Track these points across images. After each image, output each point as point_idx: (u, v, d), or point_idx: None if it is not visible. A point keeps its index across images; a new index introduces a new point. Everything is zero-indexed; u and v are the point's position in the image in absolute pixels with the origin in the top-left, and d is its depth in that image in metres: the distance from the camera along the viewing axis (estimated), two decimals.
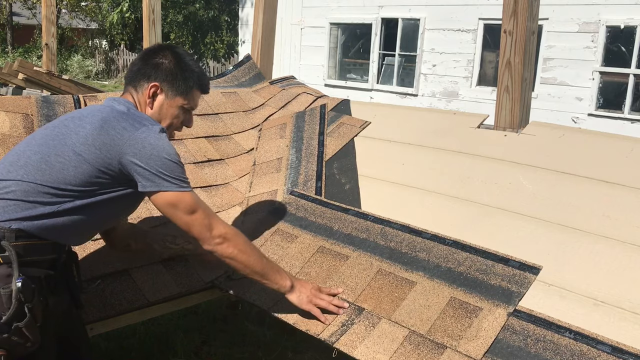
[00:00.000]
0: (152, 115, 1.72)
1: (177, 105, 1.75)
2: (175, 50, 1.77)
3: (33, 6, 20.97)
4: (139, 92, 1.73)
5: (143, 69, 1.73)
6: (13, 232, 1.47)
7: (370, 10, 10.10)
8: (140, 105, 1.73)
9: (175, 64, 1.73)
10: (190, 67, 1.76)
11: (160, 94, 1.72)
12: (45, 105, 2.51)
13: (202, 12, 15.75)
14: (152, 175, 1.55)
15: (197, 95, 1.81)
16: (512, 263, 1.77)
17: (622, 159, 2.04)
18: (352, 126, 2.78)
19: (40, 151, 1.56)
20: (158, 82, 1.71)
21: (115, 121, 1.59)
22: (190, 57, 1.82)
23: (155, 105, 1.73)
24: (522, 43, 2.41)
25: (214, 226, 1.62)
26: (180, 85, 1.74)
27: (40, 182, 1.51)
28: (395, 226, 2.06)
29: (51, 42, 6.13)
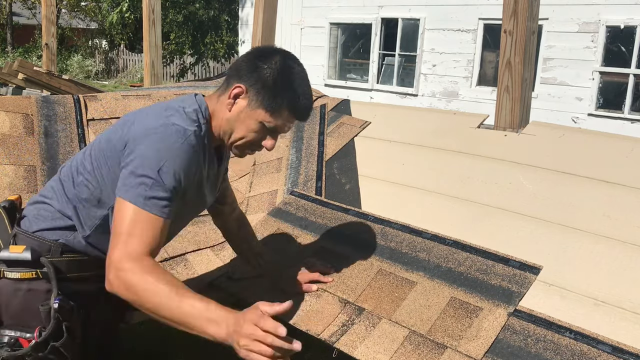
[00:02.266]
0: (229, 120, 1.48)
1: (257, 119, 1.46)
2: (286, 60, 1.48)
3: (33, 6, 20.97)
4: (226, 90, 1.50)
5: (241, 66, 1.49)
6: (59, 246, 1.44)
7: (370, 10, 10.09)
8: (219, 105, 1.50)
9: (277, 73, 1.46)
10: (291, 84, 1.47)
11: (243, 99, 1.46)
12: (45, 105, 2.51)
13: (202, 12, 15.74)
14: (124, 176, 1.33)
15: (287, 117, 1.49)
16: (513, 263, 1.77)
17: (622, 159, 2.04)
18: (352, 126, 2.77)
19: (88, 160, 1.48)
20: (245, 85, 1.46)
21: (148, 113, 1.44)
22: (301, 75, 1.50)
23: (234, 109, 1.47)
24: (522, 43, 2.41)
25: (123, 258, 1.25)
26: (267, 98, 1.45)
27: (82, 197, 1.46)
28: (396, 226, 2.05)
29: (51, 42, 6.13)
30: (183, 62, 17.37)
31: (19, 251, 1.40)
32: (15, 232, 1.48)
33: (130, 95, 2.88)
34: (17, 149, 2.28)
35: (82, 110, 2.58)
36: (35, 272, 1.41)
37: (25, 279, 1.41)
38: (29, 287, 1.41)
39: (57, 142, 2.39)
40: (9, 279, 1.41)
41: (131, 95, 2.87)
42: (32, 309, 1.40)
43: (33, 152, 2.30)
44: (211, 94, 1.55)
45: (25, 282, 1.41)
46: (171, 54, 16.55)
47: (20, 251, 1.40)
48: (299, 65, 1.51)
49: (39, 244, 1.44)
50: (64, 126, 2.47)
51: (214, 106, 1.51)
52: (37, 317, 1.40)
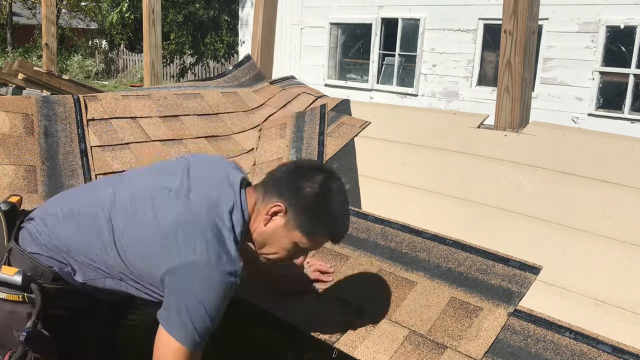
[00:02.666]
0: (262, 234, 1.47)
1: (292, 239, 1.46)
2: (327, 182, 1.46)
3: (33, 6, 20.97)
4: (265, 201, 1.46)
5: (283, 182, 1.47)
6: (52, 273, 1.40)
7: (370, 10, 10.09)
8: (256, 212, 1.47)
9: (318, 197, 1.44)
10: (331, 210, 1.46)
11: (281, 218, 1.44)
12: (45, 105, 2.51)
13: (202, 12, 15.73)
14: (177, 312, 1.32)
15: (323, 240, 1.51)
16: (513, 263, 1.77)
17: (622, 159, 2.04)
18: (352, 126, 2.77)
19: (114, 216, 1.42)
20: (285, 204, 1.43)
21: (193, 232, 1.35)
22: (340, 196, 1.49)
23: (269, 225, 1.45)
24: (522, 43, 2.41)
25: None
26: (306, 223, 1.44)
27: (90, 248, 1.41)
28: (396, 226, 2.05)
29: (51, 42, 6.13)
30: (183, 62, 17.36)
31: (10, 273, 1.35)
32: (11, 247, 1.42)
33: (130, 95, 2.88)
34: (17, 149, 2.28)
35: (82, 110, 2.58)
36: (23, 296, 1.36)
37: (10, 301, 1.36)
38: (12, 309, 1.37)
39: (57, 142, 2.39)
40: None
41: (131, 95, 2.87)
42: (10, 330, 1.36)
43: (33, 152, 2.29)
44: (250, 194, 1.49)
45: (10, 304, 1.36)
46: (171, 54, 16.55)
47: (11, 274, 1.35)
48: (340, 187, 1.50)
49: (32, 266, 1.39)
50: (64, 126, 2.47)
51: (251, 210, 1.47)
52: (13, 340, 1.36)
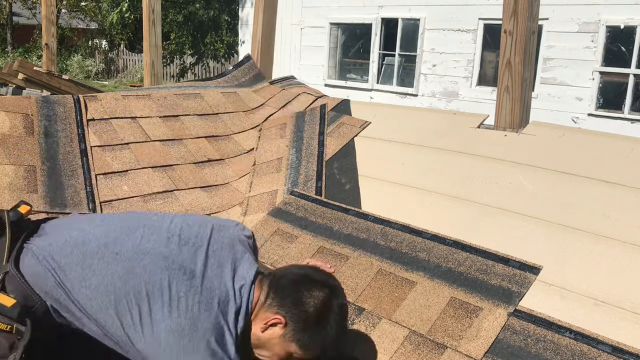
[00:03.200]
0: (258, 338, 1.47)
1: (287, 350, 1.47)
2: (329, 300, 1.47)
3: (33, 6, 20.97)
4: (266, 306, 1.47)
5: (286, 292, 1.47)
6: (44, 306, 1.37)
7: (370, 10, 10.09)
8: (258, 311, 1.47)
9: (317, 315, 1.45)
10: (330, 329, 1.46)
11: (280, 329, 1.45)
12: (45, 105, 2.51)
13: (202, 12, 15.74)
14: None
15: (317, 353, 1.51)
16: (513, 263, 1.77)
17: (622, 159, 2.04)
18: (352, 126, 2.77)
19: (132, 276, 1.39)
20: (286, 317, 1.44)
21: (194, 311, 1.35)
22: (339, 316, 1.49)
23: (267, 332, 1.46)
24: (522, 43, 2.41)
25: None
26: (304, 338, 1.45)
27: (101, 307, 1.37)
28: (396, 226, 2.05)
29: (51, 42, 6.13)
30: (183, 62, 17.37)
31: (7, 304, 1.32)
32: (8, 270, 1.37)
33: (130, 95, 2.88)
34: (17, 149, 2.28)
35: (82, 110, 2.58)
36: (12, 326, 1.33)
37: None
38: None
39: (57, 142, 2.39)
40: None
41: (131, 95, 2.87)
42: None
43: (33, 152, 2.29)
44: (258, 290, 1.49)
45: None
46: (171, 54, 16.55)
47: (8, 305, 1.32)
48: (340, 306, 1.50)
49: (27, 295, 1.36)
50: (64, 126, 2.47)
51: (254, 303, 1.47)
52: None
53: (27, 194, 2.13)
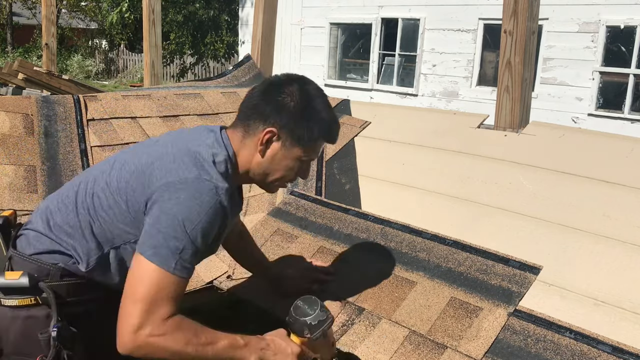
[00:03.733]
0: (261, 163, 1.44)
1: (294, 157, 1.44)
2: (305, 87, 1.44)
3: (33, 6, 20.97)
4: (250, 132, 1.43)
5: (262, 106, 1.42)
6: (59, 270, 1.37)
7: (370, 10, 10.09)
8: (244, 147, 1.44)
9: (302, 106, 1.41)
10: (319, 113, 1.44)
11: (276, 142, 1.42)
12: (45, 105, 2.51)
13: (202, 11, 15.73)
14: (157, 232, 1.26)
15: (320, 145, 1.49)
16: (513, 263, 1.77)
17: (622, 159, 2.04)
18: (352, 126, 2.77)
19: (90, 182, 1.42)
20: (276, 127, 1.40)
21: (170, 162, 1.33)
22: (321, 97, 1.47)
23: (267, 154, 1.43)
24: (522, 43, 2.41)
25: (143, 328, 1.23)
26: (303, 135, 1.41)
27: (82, 222, 1.38)
28: (396, 226, 2.05)
29: (51, 42, 6.13)
30: (183, 62, 17.36)
31: (15, 277, 1.32)
32: (10, 255, 1.39)
33: (130, 95, 2.88)
34: (17, 149, 2.28)
35: (82, 110, 2.58)
36: (35, 298, 1.33)
37: (24, 306, 1.34)
38: (27, 314, 1.34)
39: (57, 142, 2.39)
40: (6, 307, 1.34)
41: (131, 95, 2.87)
42: (32, 336, 1.33)
43: (33, 152, 2.29)
44: (231, 133, 1.47)
45: (24, 309, 1.34)
46: (171, 54, 16.55)
47: (17, 277, 1.32)
48: (316, 88, 1.48)
49: (37, 267, 1.36)
50: (64, 126, 2.47)
51: (237, 147, 1.44)
52: (37, 345, 1.33)
53: (27, 194, 2.13)
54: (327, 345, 1.45)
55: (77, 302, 1.40)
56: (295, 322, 1.39)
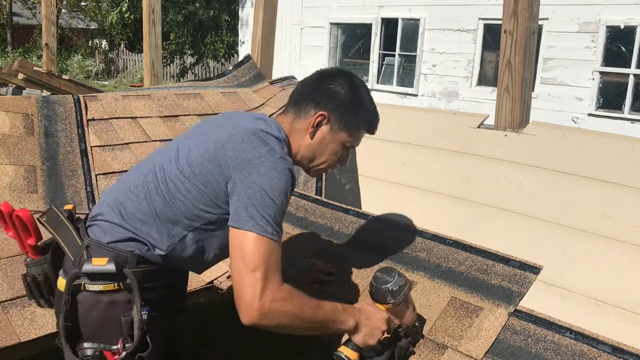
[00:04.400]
0: (310, 146, 1.54)
1: (339, 141, 1.55)
2: (353, 80, 1.56)
3: (33, 6, 20.98)
4: (302, 116, 1.53)
5: (313, 93, 1.54)
6: (135, 257, 1.41)
7: (370, 10, 10.09)
8: (295, 131, 1.53)
9: (351, 95, 1.54)
10: (365, 103, 1.57)
11: (326, 125, 1.52)
12: (45, 105, 2.51)
13: (202, 11, 15.73)
14: (248, 205, 1.33)
15: (363, 134, 1.62)
16: (513, 263, 1.76)
17: (622, 159, 2.04)
18: None
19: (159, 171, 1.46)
20: (327, 111, 1.51)
21: (240, 142, 1.40)
22: (367, 91, 1.60)
23: (317, 136, 1.53)
24: (522, 43, 2.41)
25: (265, 294, 1.29)
26: (350, 121, 1.54)
27: (157, 209, 1.42)
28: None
29: (51, 42, 6.13)
30: (183, 62, 17.37)
31: (102, 264, 1.36)
32: (87, 244, 1.42)
33: (130, 95, 2.88)
34: (17, 149, 2.28)
35: (82, 110, 2.58)
36: (118, 283, 1.37)
37: (108, 291, 1.37)
38: (110, 299, 1.37)
39: (57, 142, 2.39)
40: (90, 292, 1.37)
41: (131, 95, 2.87)
42: (113, 320, 1.37)
43: (33, 152, 2.30)
44: (281, 118, 1.55)
45: (107, 294, 1.37)
46: (171, 54, 16.55)
47: (103, 264, 1.36)
48: (362, 82, 1.60)
49: (115, 255, 1.39)
50: (64, 126, 2.47)
51: (288, 130, 1.53)
52: (117, 328, 1.36)
53: (27, 194, 2.13)
54: (408, 311, 1.52)
55: (150, 288, 1.43)
56: (377, 291, 1.47)
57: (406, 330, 1.54)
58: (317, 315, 1.37)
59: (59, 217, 1.50)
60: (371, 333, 1.43)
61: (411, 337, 1.56)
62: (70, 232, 1.46)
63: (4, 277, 1.81)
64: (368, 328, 1.43)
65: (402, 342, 1.53)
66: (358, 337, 1.43)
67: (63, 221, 1.48)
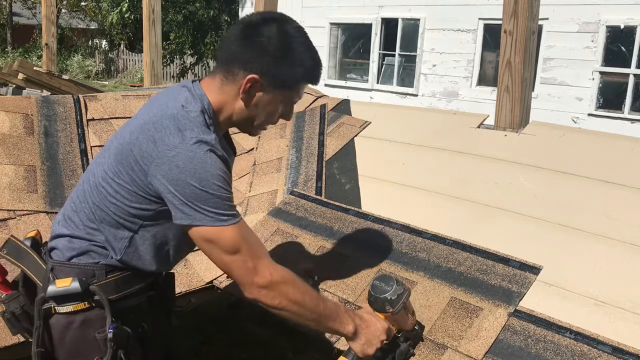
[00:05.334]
0: (244, 110, 1.40)
1: (277, 101, 1.41)
2: (282, 28, 1.37)
3: (33, 6, 20.98)
4: (230, 78, 1.37)
5: (241, 51, 1.35)
6: (102, 268, 1.37)
7: (370, 10, 10.09)
8: (225, 94, 1.38)
9: (282, 46, 1.35)
10: (300, 54, 1.37)
11: (258, 89, 1.37)
12: (45, 105, 2.51)
13: (202, 11, 15.72)
14: (182, 204, 1.26)
15: (303, 86, 1.44)
16: (513, 263, 1.76)
17: (622, 159, 2.04)
18: (352, 126, 2.77)
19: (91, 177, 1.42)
20: (257, 74, 1.34)
21: (152, 129, 1.30)
22: (302, 36, 1.40)
23: (250, 100, 1.38)
24: (522, 43, 2.41)
25: (259, 271, 1.30)
26: (285, 78, 1.37)
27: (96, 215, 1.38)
28: (396, 226, 2.06)
29: (51, 42, 6.13)
30: (183, 62, 17.36)
31: (66, 284, 1.32)
32: (51, 266, 1.39)
33: (130, 95, 2.88)
34: (17, 149, 2.28)
35: (82, 110, 2.58)
36: (88, 301, 1.34)
37: (79, 311, 1.34)
38: (83, 318, 1.35)
39: (57, 142, 2.39)
40: (61, 314, 1.34)
41: (131, 95, 2.87)
42: (88, 339, 1.34)
43: (33, 152, 2.30)
44: (208, 82, 1.41)
45: (79, 314, 1.35)
46: (171, 54, 16.54)
47: (67, 284, 1.32)
48: (296, 27, 1.41)
49: (80, 271, 1.36)
50: (64, 126, 2.47)
51: (216, 97, 1.38)
52: (93, 346, 1.34)
53: (27, 194, 2.13)
54: (407, 316, 1.53)
55: (126, 296, 1.40)
56: (376, 300, 1.46)
57: (406, 335, 1.54)
58: (318, 307, 1.36)
59: (20, 246, 1.46)
60: (370, 342, 1.41)
61: (411, 340, 1.56)
62: (34, 259, 1.42)
63: None
64: (367, 337, 1.41)
65: (401, 347, 1.53)
66: (357, 345, 1.41)
67: (24, 250, 1.45)
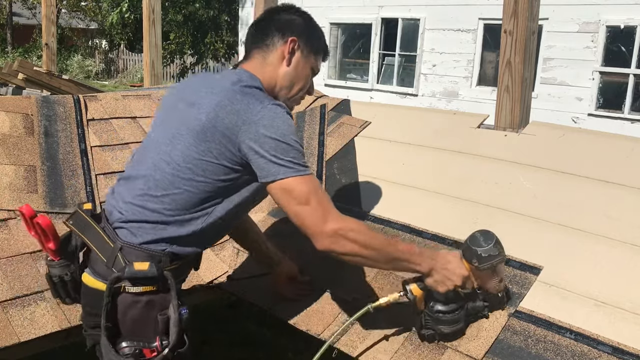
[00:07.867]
0: (288, 73, 1.57)
1: (310, 65, 1.61)
2: (300, 9, 1.64)
3: (33, 6, 20.99)
4: (271, 50, 1.56)
5: (271, 27, 1.57)
6: (168, 256, 1.44)
7: (370, 10, 10.09)
8: (268, 66, 1.57)
9: (306, 20, 1.61)
10: (319, 29, 1.65)
11: (298, 50, 1.57)
12: (45, 105, 2.51)
13: (202, 11, 15.71)
14: (266, 162, 1.38)
15: (321, 59, 1.67)
16: (513, 263, 1.76)
17: (622, 159, 2.04)
18: (352, 126, 2.77)
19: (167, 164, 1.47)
20: (296, 36, 1.56)
21: (230, 104, 1.42)
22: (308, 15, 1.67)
23: (292, 62, 1.57)
24: (522, 43, 2.40)
25: (328, 220, 1.38)
26: (315, 43, 1.61)
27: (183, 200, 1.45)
28: (396, 226, 2.06)
29: (51, 42, 6.13)
30: (183, 62, 17.36)
31: (144, 268, 1.38)
32: (120, 246, 1.43)
33: (130, 95, 2.88)
34: (17, 149, 2.28)
35: (82, 110, 2.58)
36: (157, 285, 1.40)
37: (146, 292, 1.40)
38: (148, 299, 1.40)
39: (57, 142, 2.39)
40: (129, 293, 1.39)
41: (131, 95, 2.87)
42: (149, 319, 1.39)
43: (33, 152, 2.29)
44: (247, 65, 1.58)
45: (146, 295, 1.40)
46: (171, 54, 16.53)
47: (145, 268, 1.38)
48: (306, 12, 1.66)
49: (148, 256, 1.42)
50: (64, 126, 2.47)
51: (262, 72, 1.55)
52: (153, 327, 1.39)
53: (27, 194, 2.13)
54: (494, 279, 1.52)
55: (179, 281, 1.51)
56: (467, 250, 1.48)
57: (485, 295, 1.54)
58: (388, 250, 1.42)
59: (86, 219, 1.51)
60: (442, 281, 1.46)
61: (489, 303, 1.56)
62: (99, 234, 1.47)
63: (4, 277, 1.81)
64: (441, 276, 1.46)
65: (477, 303, 1.54)
66: (429, 280, 1.48)
67: (90, 223, 1.50)
